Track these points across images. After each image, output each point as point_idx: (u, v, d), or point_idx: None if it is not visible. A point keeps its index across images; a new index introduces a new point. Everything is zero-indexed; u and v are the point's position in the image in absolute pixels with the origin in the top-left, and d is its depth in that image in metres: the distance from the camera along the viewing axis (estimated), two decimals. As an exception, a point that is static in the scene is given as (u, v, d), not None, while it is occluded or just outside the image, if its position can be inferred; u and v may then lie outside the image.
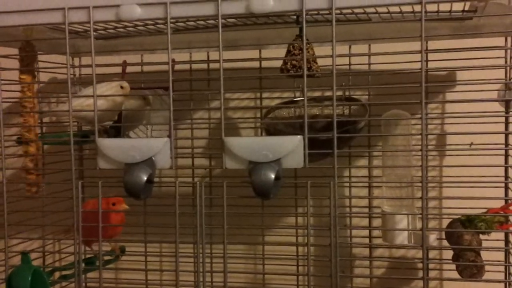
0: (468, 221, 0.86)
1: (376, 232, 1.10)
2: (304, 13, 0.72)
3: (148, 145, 0.78)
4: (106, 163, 0.80)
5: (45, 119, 1.23)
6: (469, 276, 0.84)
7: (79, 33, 0.97)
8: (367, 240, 1.11)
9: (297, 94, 1.10)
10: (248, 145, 0.75)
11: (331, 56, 0.73)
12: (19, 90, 0.94)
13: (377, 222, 1.11)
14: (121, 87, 0.98)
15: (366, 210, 1.12)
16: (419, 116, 0.73)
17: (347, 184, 1.13)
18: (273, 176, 0.72)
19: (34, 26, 0.89)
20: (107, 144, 0.80)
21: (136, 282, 1.11)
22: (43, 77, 1.11)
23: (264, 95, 1.16)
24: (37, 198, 1.02)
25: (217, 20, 0.74)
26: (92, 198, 0.93)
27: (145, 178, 0.76)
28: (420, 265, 0.78)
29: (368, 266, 1.14)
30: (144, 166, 0.77)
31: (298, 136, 0.74)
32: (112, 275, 1.21)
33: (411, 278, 1.12)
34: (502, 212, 0.88)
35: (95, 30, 0.97)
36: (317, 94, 1.11)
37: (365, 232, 1.13)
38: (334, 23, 0.72)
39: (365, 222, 1.13)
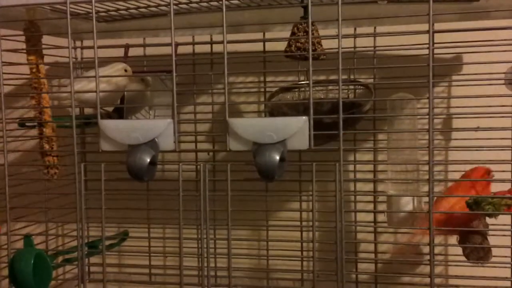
0: (475, 204, 0.85)
1: (381, 218, 1.09)
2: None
3: (151, 126, 0.77)
4: (109, 145, 0.79)
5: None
6: (476, 260, 0.83)
7: (81, 15, 0.95)
8: (372, 226, 1.11)
9: (302, 77, 1.09)
10: (252, 126, 0.74)
11: (337, 37, 0.71)
12: (22, 73, 0.93)
13: (382, 208, 1.10)
14: (124, 70, 0.97)
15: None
16: (426, 98, 0.72)
17: (352, 168, 1.12)
18: (277, 157, 0.71)
19: (36, 7, 0.88)
20: (110, 126, 0.79)
21: (139, 266, 1.11)
22: (45, 60, 1.10)
23: (268, 78, 1.15)
24: (40, 182, 1.02)
25: (220, 2, 0.73)
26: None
27: (148, 160, 0.75)
28: (425, 250, 0.78)
29: (373, 251, 1.13)
30: (147, 147, 0.76)
31: (303, 117, 0.73)
32: (115, 259, 1.20)
33: (417, 262, 1.11)
34: (509, 194, 0.87)
35: (97, 12, 0.95)
36: (322, 77, 1.10)
37: (370, 217, 1.12)
38: (340, 4, 0.70)
39: (370, 207, 1.12)
